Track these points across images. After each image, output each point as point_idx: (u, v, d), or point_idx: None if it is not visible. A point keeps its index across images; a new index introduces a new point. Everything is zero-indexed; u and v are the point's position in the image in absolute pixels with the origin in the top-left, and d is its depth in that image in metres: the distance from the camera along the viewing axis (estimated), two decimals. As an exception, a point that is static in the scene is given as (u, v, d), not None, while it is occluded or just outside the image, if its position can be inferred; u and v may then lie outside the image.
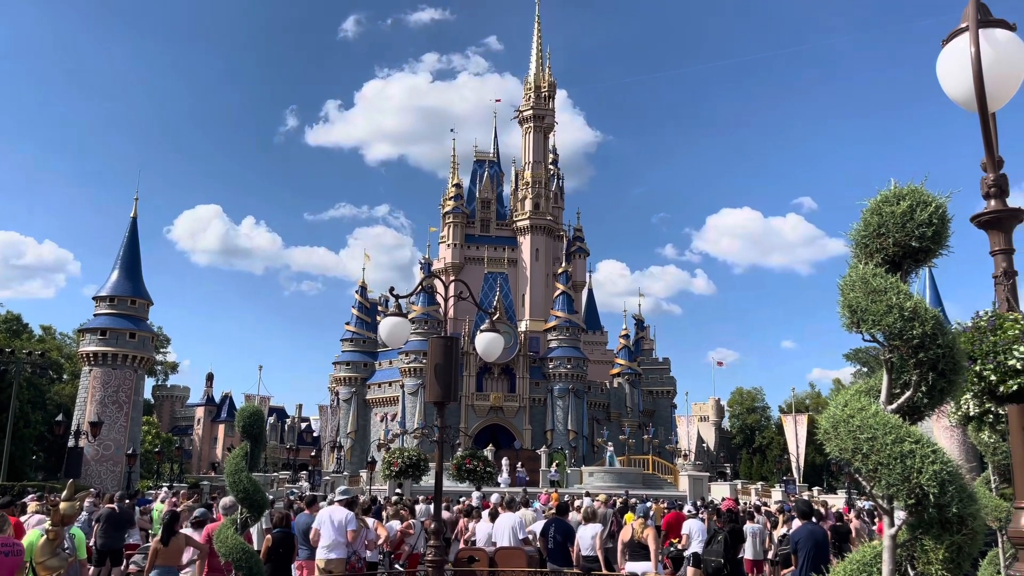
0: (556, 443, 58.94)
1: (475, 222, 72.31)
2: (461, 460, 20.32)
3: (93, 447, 40.18)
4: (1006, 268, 4.14)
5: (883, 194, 3.37)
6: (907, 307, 3.08)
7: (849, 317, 3.26)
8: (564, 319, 65.13)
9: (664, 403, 73.95)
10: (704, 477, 45.88)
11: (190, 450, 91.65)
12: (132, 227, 45.97)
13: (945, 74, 4.50)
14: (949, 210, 3.44)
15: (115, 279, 44.81)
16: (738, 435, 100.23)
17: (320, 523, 11.51)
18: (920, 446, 2.93)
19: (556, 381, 63.57)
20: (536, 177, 71.98)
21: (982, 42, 4.36)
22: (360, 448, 64.29)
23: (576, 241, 75.84)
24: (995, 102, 4.42)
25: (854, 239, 3.44)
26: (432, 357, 9.88)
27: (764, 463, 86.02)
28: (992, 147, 4.38)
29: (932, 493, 2.88)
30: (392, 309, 10.78)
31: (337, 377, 68.76)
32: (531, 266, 70.53)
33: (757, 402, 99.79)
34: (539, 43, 77.12)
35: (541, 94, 74.24)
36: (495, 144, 79.22)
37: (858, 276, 3.22)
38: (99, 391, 42.76)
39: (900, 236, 3.28)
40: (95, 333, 43.74)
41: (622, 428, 63.51)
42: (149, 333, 46.11)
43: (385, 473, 22.45)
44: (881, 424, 2.98)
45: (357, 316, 69.91)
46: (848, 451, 3.02)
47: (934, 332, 3.08)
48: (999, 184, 4.27)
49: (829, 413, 3.18)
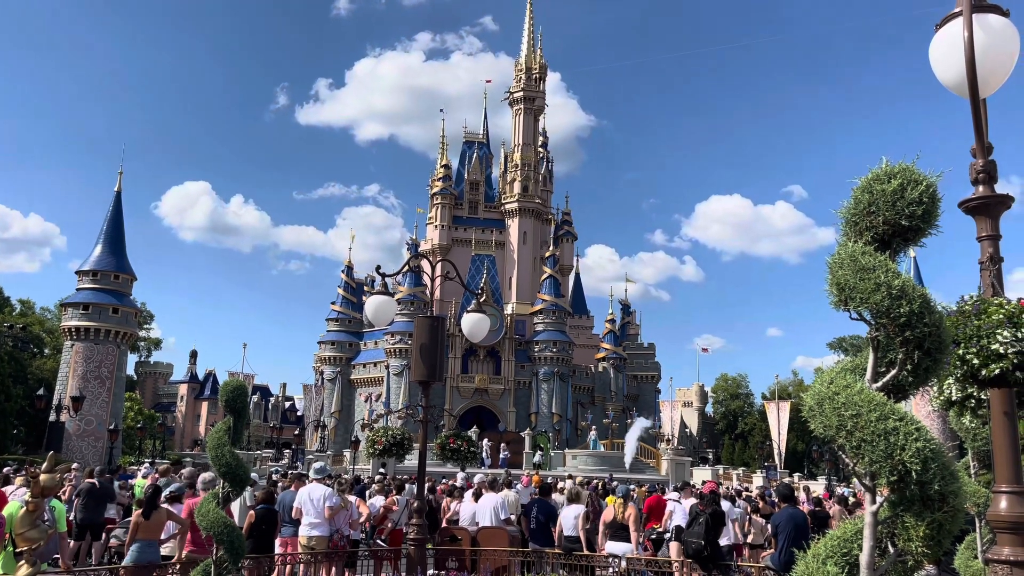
0: (540, 426, 59.15)
1: (463, 204, 72.02)
2: (445, 440, 20.34)
3: (75, 422, 39.92)
4: (992, 254, 4.14)
5: (874, 172, 3.35)
6: (895, 285, 3.08)
7: (837, 295, 3.26)
8: (550, 303, 65.17)
9: (648, 388, 74.32)
10: (686, 462, 46.20)
11: (173, 427, 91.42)
12: (116, 201, 45.41)
13: (938, 59, 4.48)
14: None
15: (98, 253, 44.32)
16: (721, 421, 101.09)
17: (300, 501, 11.53)
18: (904, 423, 2.93)
19: (541, 364, 63.72)
20: (525, 160, 71.71)
21: (975, 27, 4.34)
22: (344, 428, 64.30)
23: (564, 225, 75.76)
24: (987, 88, 4.41)
25: (844, 217, 3.42)
26: (418, 337, 9.87)
27: (746, 449, 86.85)
28: (982, 133, 4.37)
29: (915, 470, 2.89)
30: (378, 288, 10.73)
31: (322, 356, 68.60)
32: (519, 249, 70.42)
33: (741, 389, 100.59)
34: (531, 25, 76.59)
35: (532, 76, 73.80)
36: (485, 125, 78.81)
37: (847, 254, 3.21)
38: (81, 366, 42.41)
39: (890, 214, 3.27)
40: (77, 307, 43.31)
41: (606, 412, 63.78)
42: (132, 308, 45.70)
43: (368, 452, 22.43)
44: (866, 401, 2.98)
45: (343, 296, 69.67)
46: (832, 428, 3.03)
47: (921, 311, 3.08)
48: (988, 170, 4.27)
49: (814, 390, 3.18)
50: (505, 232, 71.22)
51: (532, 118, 73.36)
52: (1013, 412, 3.82)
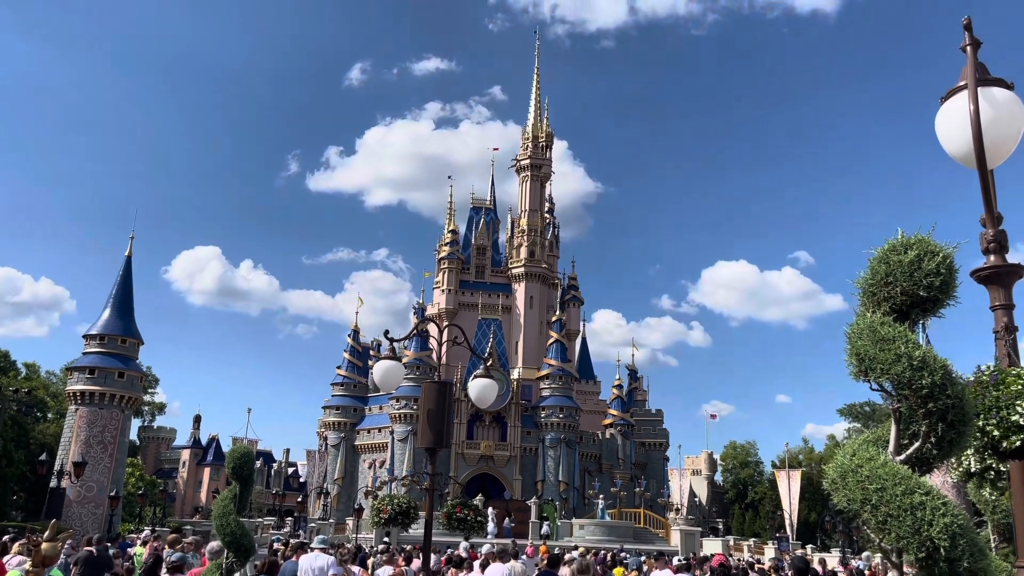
0: (547, 494, 58.10)
1: (470, 268, 72.43)
2: (452, 508, 19.94)
3: (76, 488, 39.40)
4: (1007, 323, 4.14)
5: (890, 243, 3.37)
6: (916, 356, 3.06)
7: (857, 365, 3.24)
8: (557, 367, 64.80)
9: (656, 455, 73.18)
10: (696, 532, 45.19)
11: (174, 493, 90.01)
12: (126, 266, 45.86)
13: (944, 132, 4.56)
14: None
15: (106, 318, 44.53)
16: (731, 489, 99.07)
17: (302, 571, 11.31)
18: (931, 498, 2.88)
19: (548, 430, 62.96)
20: (532, 225, 72.42)
21: (981, 101, 4.43)
22: (347, 495, 63.20)
23: (571, 290, 75.93)
24: (994, 160, 4.47)
25: (861, 287, 3.43)
26: (425, 402, 9.78)
27: (757, 519, 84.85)
28: (991, 204, 4.42)
29: (943, 546, 2.82)
30: (386, 352, 10.71)
31: (326, 422, 67.97)
32: (525, 314, 70.45)
33: (750, 456, 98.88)
34: (537, 94, 78.38)
35: (539, 144, 75.15)
36: (492, 192, 79.91)
37: (866, 324, 3.21)
38: (84, 431, 42.11)
39: (908, 285, 3.27)
40: (83, 371, 43.27)
41: (614, 480, 62.70)
42: (138, 373, 45.64)
43: (374, 520, 22.02)
44: (890, 475, 2.93)
45: (349, 360, 69.43)
46: (856, 502, 2.97)
47: (943, 382, 3.06)
48: (998, 240, 4.30)
49: (837, 463, 3.13)
50: (512, 297, 71.38)
51: (539, 185, 74.38)
52: (1035, 484, 3.76)
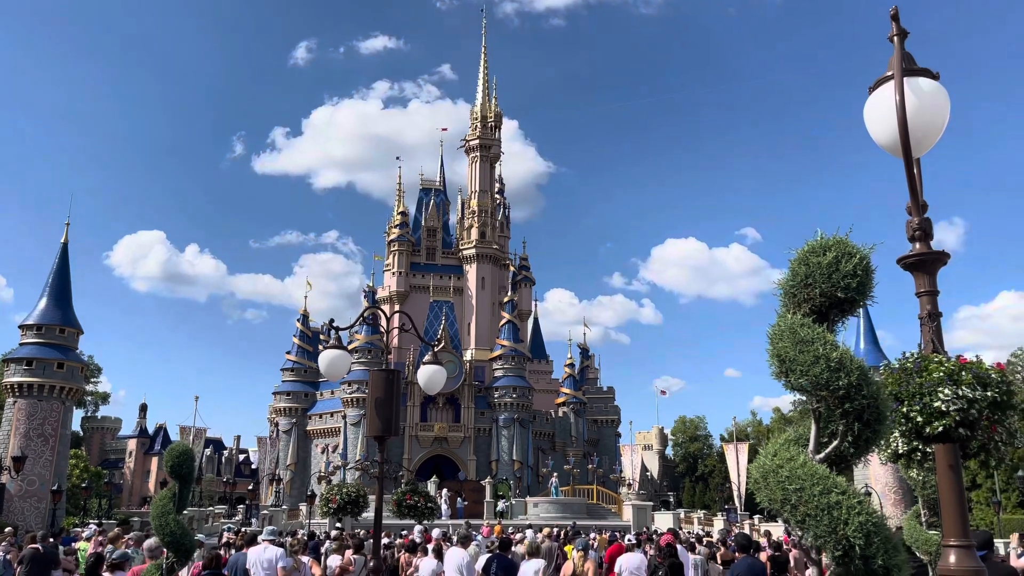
0: (501, 473, 58.49)
1: (421, 250, 71.99)
2: (402, 496, 19.85)
3: (16, 483, 38.23)
4: (931, 310, 4.24)
5: (810, 244, 3.41)
6: (833, 358, 3.11)
7: (778, 367, 3.28)
8: (509, 348, 65.04)
9: (608, 432, 74.20)
10: (648, 506, 46.03)
11: (120, 484, 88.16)
12: (63, 253, 44.36)
13: (872, 120, 4.63)
14: (883, 251, 3.52)
15: (43, 307, 43.10)
16: (681, 463, 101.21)
17: (251, 563, 11.20)
18: (846, 497, 2.94)
19: (501, 411, 63.28)
20: (482, 206, 72.20)
21: (907, 90, 4.50)
22: (300, 481, 62.70)
23: (522, 270, 76.09)
24: (920, 148, 4.56)
25: (783, 288, 3.47)
26: (373, 391, 9.69)
27: (707, 491, 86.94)
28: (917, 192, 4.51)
29: (858, 544, 2.90)
30: (332, 341, 10.57)
31: (277, 408, 67.14)
32: (477, 295, 70.41)
33: (700, 430, 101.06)
34: (485, 73, 77.84)
35: (488, 124, 74.72)
36: (442, 173, 79.29)
37: (786, 326, 3.25)
38: (23, 424, 40.84)
39: (826, 287, 3.32)
40: (20, 363, 41.89)
41: (567, 458, 63.41)
42: (78, 363, 44.31)
43: (323, 511, 21.87)
44: (809, 475, 2.99)
45: (298, 345, 68.54)
46: (777, 502, 3.03)
47: (859, 382, 3.12)
48: (923, 228, 4.39)
49: (759, 463, 3.19)
50: (463, 278, 71.23)
51: (488, 165, 74.08)
52: (958, 466, 3.88)
